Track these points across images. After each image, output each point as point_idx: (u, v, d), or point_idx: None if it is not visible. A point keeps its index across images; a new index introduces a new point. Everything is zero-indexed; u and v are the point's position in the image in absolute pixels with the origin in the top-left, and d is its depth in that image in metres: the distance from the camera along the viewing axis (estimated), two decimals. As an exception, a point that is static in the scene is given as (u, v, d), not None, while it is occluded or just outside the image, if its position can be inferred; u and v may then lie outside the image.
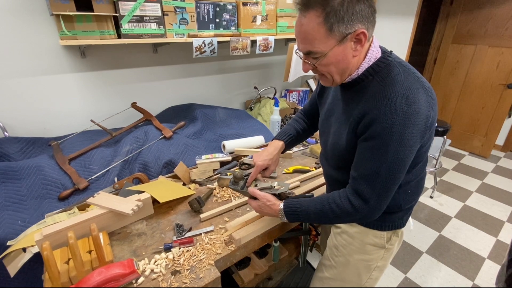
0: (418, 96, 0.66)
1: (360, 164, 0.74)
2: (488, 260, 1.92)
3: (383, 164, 0.69)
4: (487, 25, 3.06)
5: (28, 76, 1.32)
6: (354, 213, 0.76)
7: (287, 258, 1.43)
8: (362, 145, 0.73)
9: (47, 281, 0.76)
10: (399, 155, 0.68)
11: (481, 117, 3.32)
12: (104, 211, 0.94)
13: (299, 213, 0.84)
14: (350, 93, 0.79)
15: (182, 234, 0.96)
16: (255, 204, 0.92)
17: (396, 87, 0.68)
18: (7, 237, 0.93)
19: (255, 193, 0.91)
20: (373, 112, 0.69)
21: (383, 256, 0.93)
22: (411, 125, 0.66)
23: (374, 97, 0.70)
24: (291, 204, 0.86)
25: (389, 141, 0.67)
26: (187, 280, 0.80)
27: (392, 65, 0.72)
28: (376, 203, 0.73)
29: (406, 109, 0.65)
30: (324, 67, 0.72)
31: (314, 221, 0.85)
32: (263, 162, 1.00)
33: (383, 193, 0.73)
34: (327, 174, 0.98)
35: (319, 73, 0.77)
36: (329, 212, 0.79)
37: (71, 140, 1.36)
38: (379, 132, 0.68)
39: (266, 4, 1.67)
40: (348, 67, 0.72)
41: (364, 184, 0.73)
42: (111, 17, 1.24)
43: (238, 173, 0.98)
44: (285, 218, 0.87)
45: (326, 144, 0.91)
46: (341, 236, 0.95)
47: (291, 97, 2.34)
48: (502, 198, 2.61)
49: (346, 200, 0.77)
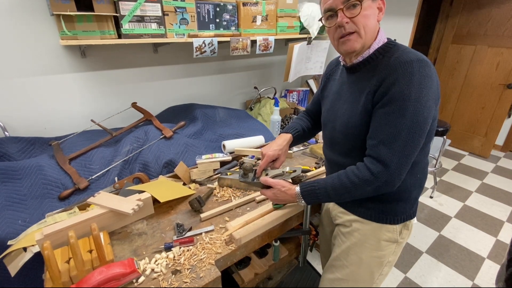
0: (429, 62, 0.71)
1: (378, 130, 0.74)
2: (488, 260, 1.92)
3: (403, 126, 0.70)
4: (486, 25, 3.06)
5: (28, 76, 1.32)
6: (374, 180, 0.74)
7: (287, 258, 1.43)
8: (379, 112, 0.73)
9: (47, 280, 0.76)
10: (418, 117, 0.69)
11: (481, 117, 3.32)
12: (104, 210, 0.95)
13: (317, 192, 0.82)
14: (360, 74, 0.82)
15: (182, 233, 0.96)
16: (269, 193, 0.91)
17: (410, 54, 0.72)
18: (7, 237, 0.93)
19: (267, 182, 0.89)
20: (390, 78, 0.71)
21: (394, 250, 0.93)
22: (427, 87, 0.69)
23: (389, 65, 0.73)
24: (307, 185, 0.84)
25: (407, 103, 0.69)
26: (188, 280, 0.80)
27: (400, 45, 0.78)
28: (396, 167, 0.72)
29: (421, 71, 0.69)
30: (362, 18, 0.74)
31: (334, 198, 0.82)
32: (273, 152, 0.98)
33: (403, 157, 0.71)
34: (335, 163, 0.94)
35: (352, 30, 0.76)
36: (348, 184, 0.77)
37: (71, 140, 1.36)
38: (396, 95, 0.70)
39: (266, 4, 1.67)
40: (374, 29, 0.78)
41: (383, 149, 0.72)
42: (112, 17, 1.24)
43: (247, 165, 0.95)
44: (303, 201, 0.85)
45: (334, 130, 0.90)
46: (352, 235, 0.94)
47: (291, 97, 2.35)
48: (502, 198, 2.61)
49: (365, 168, 0.75)
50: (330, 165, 0.99)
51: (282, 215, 1.05)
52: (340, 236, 0.99)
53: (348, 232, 0.95)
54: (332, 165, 0.97)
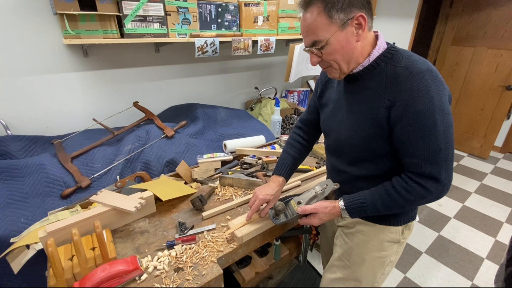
0: (436, 69, 0.72)
1: (414, 148, 0.73)
2: (487, 261, 1.93)
3: (439, 138, 0.70)
4: (486, 27, 3.08)
5: (31, 74, 1.33)
6: (428, 194, 0.74)
7: (288, 257, 1.44)
8: (407, 130, 0.72)
9: (51, 277, 0.76)
10: (447, 124, 0.70)
11: (480, 118, 3.34)
12: (107, 208, 0.95)
13: (365, 208, 0.81)
14: (362, 82, 0.80)
15: (184, 232, 0.97)
16: (315, 220, 0.87)
17: (418, 63, 0.71)
18: (10, 235, 0.93)
19: (306, 211, 0.87)
20: (405, 94, 0.70)
21: (396, 250, 0.94)
22: (443, 94, 0.70)
23: (399, 78, 0.72)
24: (354, 200, 0.83)
25: (434, 115, 0.69)
26: (190, 277, 0.81)
27: (402, 50, 0.77)
28: (446, 178, 0.73)
29: (435, 81, 0.69)
30: (331, 56, 0.75)
31: (382, 211, 0.81)
32: (264, 196, 0.97)
33: (448, 166, 0.73)
34: (340, 171, 0.93)
35: (326, 65, 0.79)
36: (400, 200, 0.77)
37: (73, 139, 1.37)
38: (420, 112, 0.69)
39: (267, 5, 1.68)
40: (353, 53, 0.75)
41: (429, 166, 0.72)
42: (114, 16, 1.25)
43: (279, 206, 0.91)
44: (347, 216, 0.84)
45: (338, 141, 0.89)
46: (355, 236, 0.94)
47: (292, 98, 2.36)
48: (501, 199, 2.62)
49: (415, 184, 0.75)
50: (333, 171, 0.97)
51: (283, 214, 1.06)
52: (343, 236, 0.99)
53: (351, 233, 0.96)
54: (335, 172, 0.96)
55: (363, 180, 0.85)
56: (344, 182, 0.91)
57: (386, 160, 0.80)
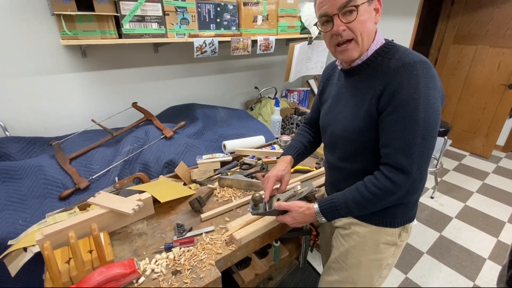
0: (430, 63, 0.71)
1: (392, 137, 0.72)
2: (489, 261, 1.92)
3: (417, 131, 0.68)
4: (488, 25, 3.05)
5: (29, 75, 1.32)
6: (396, 190, 0.72)
7: (288, 258, 1.43)
8: (389, 118, 0.71)
9: (48, 280, 0.76)
10: (430, 119, 0.68)
11: (482, 117, 3.31)
12: (104, 210, 0.94)
13: (338, 208, 0.79)
14: (359, 76, 0.80)
15: (182, 234, 0.96)
16: (288, 218, 0.86)
17: (411, 55, 0.72)
18: (8, 237, 0.93)
19: (282, 206, 0.86)
20: (394, 82, 0.70)
21: (394, 253, 0.92)
22: (433, 88, 0.68)
23: (391, 69, 0.72)
24: (326, 201, 0.82)
25: (417, 107, 0.67)
26: (188, 280, 0.80)
27: (398, 45, 0.77)
28: (417, 173, 0.71)
29: (426, 73, 0.68)
30: (359, 24, 0.72)
31: (356, 212, 0.80)
32: (276, 173, 0.95)
33: (422, 162, 0.70)
34: (334, 167, 0.93)
35: (350, 37, 0.74)
36: (370, 196, 0.75)
37: (71, 140, 1.36)
38: (405, 100, 0.68)
39: (267, 4, 1.66)
40: (372, 32, 0.76)
41: (401, 157, 0.70)
42: (112, 17, 1.24)
43: (257, 196, 0.90)
44: (323, 219, 0.83)
45: (333, 135, 0.89)
46: (351, 238, 0.93)
47: (292, 97, 2.34)
48: (503, 199, 2.60)
49: (385, 179, 0.73)
50: (330, 168, 0.97)
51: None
52: (339, 238, 0.98)
53: (347, 234, 0.95)
54: (332, 169, 0.96)
55: (358, 176, 0.82)
56: (340, 180, 0.91)
57: (378, 155, 0.79)
